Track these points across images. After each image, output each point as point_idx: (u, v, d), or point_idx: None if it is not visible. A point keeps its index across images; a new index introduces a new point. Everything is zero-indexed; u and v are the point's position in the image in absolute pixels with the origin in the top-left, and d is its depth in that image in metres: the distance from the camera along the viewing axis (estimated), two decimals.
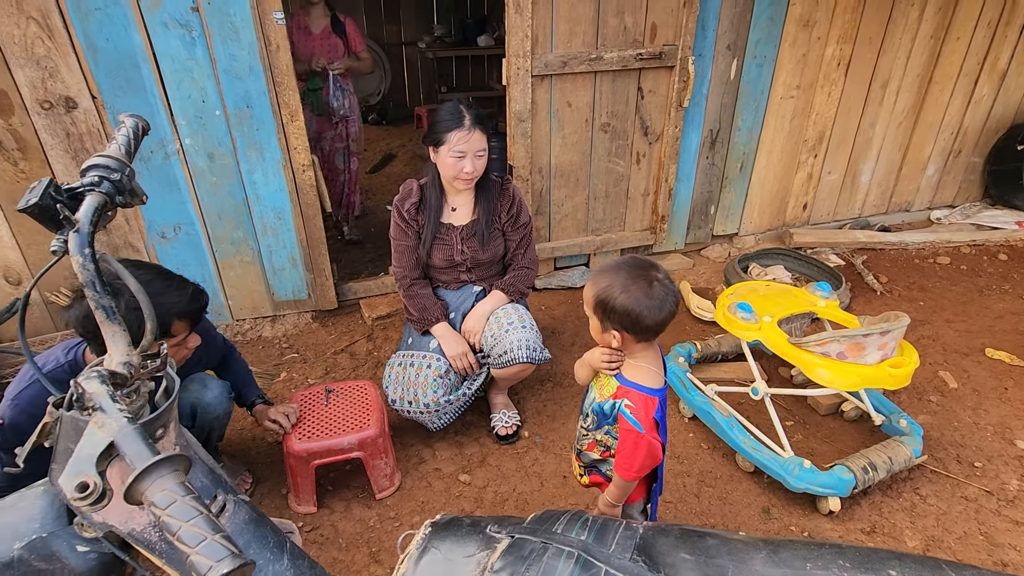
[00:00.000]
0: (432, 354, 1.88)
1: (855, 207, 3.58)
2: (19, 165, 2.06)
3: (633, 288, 1.12)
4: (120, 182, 0.76)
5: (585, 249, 2.98)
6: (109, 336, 0.70)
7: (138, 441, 0.52)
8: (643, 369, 1.22)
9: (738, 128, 3.02)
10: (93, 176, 0.74)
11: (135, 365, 0.70)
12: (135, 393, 0.72)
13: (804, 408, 2.20)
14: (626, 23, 2.52)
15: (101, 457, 0.52)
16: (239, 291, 2.54)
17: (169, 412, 0.76)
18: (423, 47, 5.97)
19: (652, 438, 1.19)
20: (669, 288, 1.14)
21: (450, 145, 1.76)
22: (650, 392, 1.21)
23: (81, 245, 0.68)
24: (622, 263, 1.17)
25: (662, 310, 1.13)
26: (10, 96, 1.96)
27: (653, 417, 1.19)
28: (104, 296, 0.69)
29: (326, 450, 1.67)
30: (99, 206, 0.72)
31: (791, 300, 2.01)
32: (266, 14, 2.09)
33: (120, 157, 0.77)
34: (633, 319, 1.14)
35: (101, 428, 0.53)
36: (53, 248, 0.70)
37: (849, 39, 2.97)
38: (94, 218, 0.71)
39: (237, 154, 2.28)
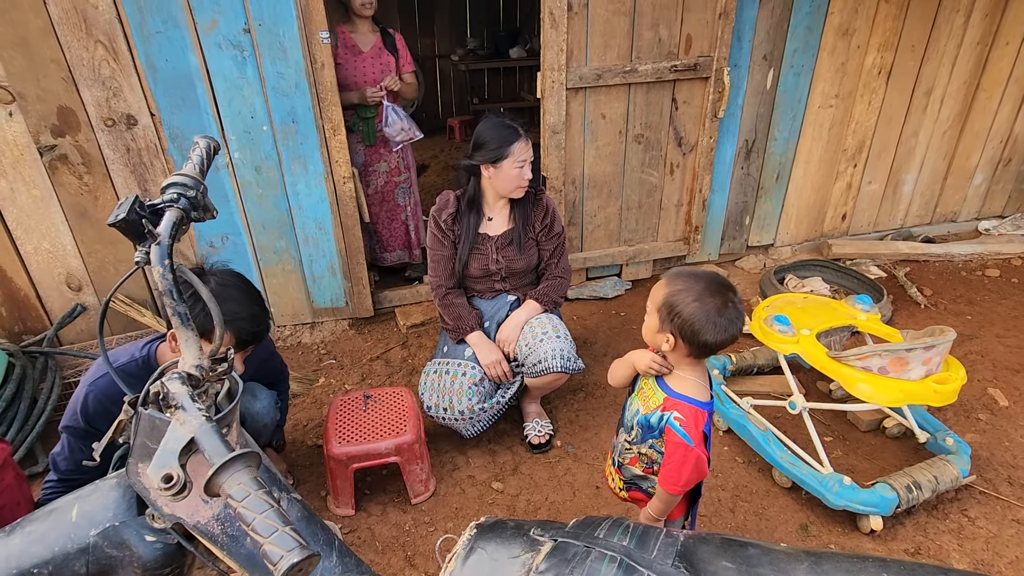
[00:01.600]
0: (467, 362, 1.92)
1: (897, 217, 3.48)
2: (83, 179, 2.19)
3: (707, 302, 1.12)
4: (195, 198, 0.82)
5: (617, 260, 2.99)
6: (183, 340, 0.76)
7: (216, 438, 0.56)
8: (690, 382, 1.22)
9: (774, 138, 2.98)
10: (172, 193, 0.80)
11: (205, 368, 0.75)
12: (204, 394, 0.77)
13: (844, 423, 2.15)
14: (661, 36, 2.54)
15: (183, 451, 0.56)
16: (281, 298, 2.63)
17: (233, 412, 0.81)
18: (456, 60, 6.09)
19: (701, 453, 1.18)
20: (740, 315, 1.14)
21: (514, 157, 1.84)
22: (699, 405, 1.20)
23: (162, 256, 0.74)
24: (702, 275, 1.16)
25: (725, 332, 1.13)
26: (77, 114, 2.10)
27: (703, 430, 1.19)
28: (180, 303, 0.75)
29: (364, 454, 1.72)
30: (177, 220, 0.78)
31: (830, 313, 1.98)
32: (313, 34, 2.19)
33: (195, 175, 0.83)
34: (695, 331, 1.13)
35: (183, 425, 0.58)
36: (137, 259, 0.77)
37: (891, 47, 2.92)
38: (173, 232, 0.77)
39: (282, 167, 2.38)
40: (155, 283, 0.75)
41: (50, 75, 2.03)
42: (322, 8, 2.17)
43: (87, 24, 1.99)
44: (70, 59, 2.02)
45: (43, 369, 2.19)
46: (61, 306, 2.35)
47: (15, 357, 2.12)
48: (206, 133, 2.20)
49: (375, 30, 2.76)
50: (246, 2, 2.09)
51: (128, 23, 2.02)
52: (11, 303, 2.30)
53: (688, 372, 1.22)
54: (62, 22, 1.97)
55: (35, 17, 1.94)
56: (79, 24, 1.98)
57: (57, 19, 1.96)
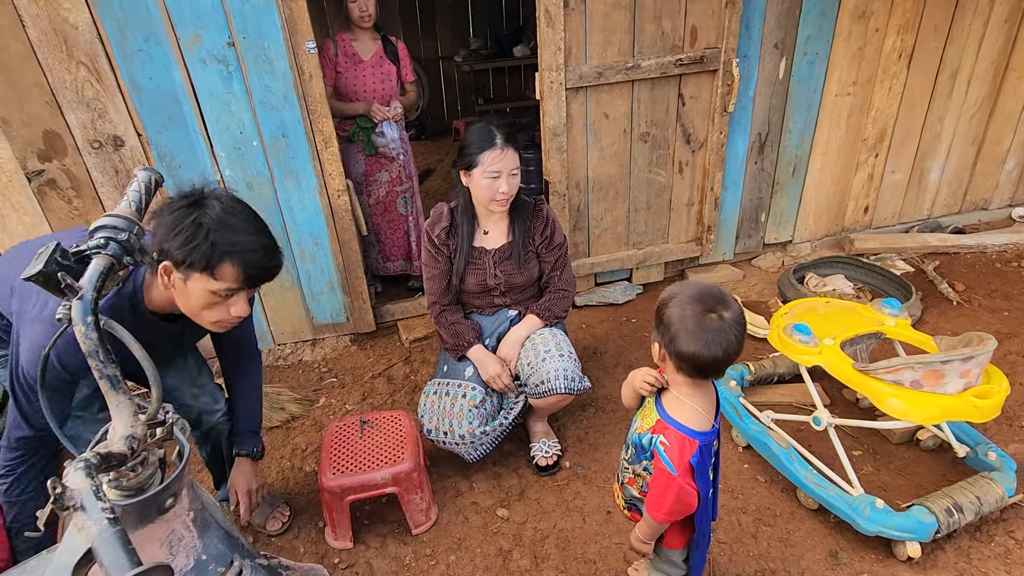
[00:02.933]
0: (467, 383, 1.82)
1: (923, 208, 3.30)
2: (73, 203, 2.15)
3: (688, 308, 1.04)
4: (128, 242, 0.73)
5: (626, 264, 2.86)
6: (114, 406, 0.67)
7: (118, 548, 0.48)
8: (687, 407, 1.12)
9: (789, 130, 2.83)
10: (99, 238, 0.71)
11: (139, 437, 0.66)
12: (142, 464, 0.69)
13: (873, 435, 2.01)
14: (664, 28, 2.41)
15: (79, 566, 0.48)
16: (280, 316, 2.57)
17: (179, 480, 0.73)
18: (459, 61, 6.00)
19: (685, 483, 1.09)
20: (726, 330, 1.02)
21: (484, 166, 1.71)
22: (690, 433, 1.11)
23: (84, 313, 0.66)
24: (702, 285, 1.09)
25: (707, 347, 1.02)
26: (63, 138, 2.05)
27: (688, 461, 1.09)
28: (108, 365, 0.67)
29: (360, 485, 1.63)
30: (105, 269, 0.70)
31: (855, 319, 1.84)
32: (299, 44, 2.11)
33: (129, 215, 0.75)
34: (672, 338, 1.05)
35: (80, 531, 0.49)
36: (58, 316, 0.68)
37: (911, 29, 2.74)
38: (98, 283, 0.69)
39: (274, 182, 2.31)
40: (80, 343, 0.66)
41: (33, 99, 1.98)
42: (307, 18, 2.09)
43: (67, 45, 1.93)
44: (52, 82, 1.97)
45: None
46: None
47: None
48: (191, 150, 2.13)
49: (376, 38, 2.69)
50: (229, 15, 2.01)
51: (109, 42, 1.97)
52: None
53: (686, 395, 1.13)
54: (42, 44, 1.92)
55: (14, 41, 1.89)
56: (59, 46, 1.93)
57: (37, 42, 1.91)
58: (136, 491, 0.70)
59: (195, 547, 0.77)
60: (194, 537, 0.77)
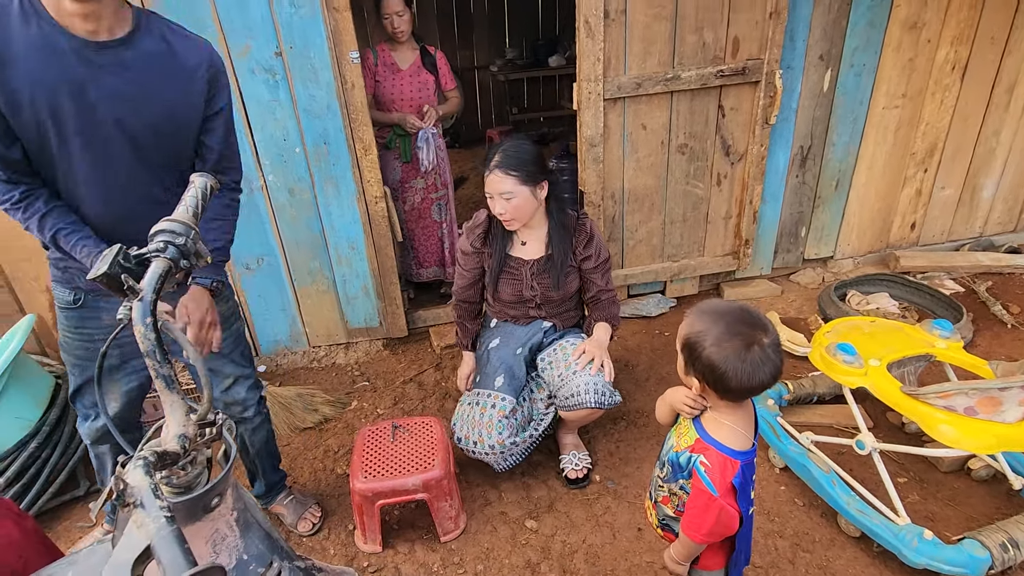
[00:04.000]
0: (497, 393, 1.82)
1: (975, 225, 3.16)
2: None
3: (727, 345, 1.00)
4: (185, 246, 0.76)
5: (660, 276, 2.83)
6: (167, 406, 0.69)
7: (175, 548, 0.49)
8: (726, 427, 1.10)
9: (833, 143, 2.76)
10: (159, 242, 0.74)
11: (190, 437, 0.68)
12: (191, 463, 0.70)
13: (921, 462, 1.92)
14: (705, 39, 2.38)
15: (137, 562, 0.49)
16: (315, 319, 2.62)
17: (225, 480, 0.74)
18: (495, 70, 6.05)
19: (727, 504, 1.06)
20: (770, 357, 1.00)
21: (485, 187, 1.76)
22: (731, 454, 1.08)
23: (143, 314, 0.68)
24: (728, 311, 1.04)
25: (752, 378, 1.00)
26: None
27: (731, 482, 1.06)
28: (164, 365, 0.69)
29: (391, 490, 1.65)
30: (163, 272, 0.72)
31: (902, 340, 1.77)
32: (343, 55, 2.16)
33: (186, 220, 0.77)
34: (717, 376, 1.02)
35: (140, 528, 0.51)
36: (120, 315, 0.71)
37: (966, 40, 2.64)
38: (157, 285, 0.71)
39: (315, 188, 2.36)
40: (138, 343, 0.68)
41: None
42: (352, 29, 2.14)
43: None
44: None
45: None
46: None
47: (63, 379, 2.17)
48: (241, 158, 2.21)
49: (415, 49, 2.74)
50: (278, 27, 2.08)
51: None
52: None
53: (726, 415, 1.10)
54: None
55: None
56: None
57: None
58: (184, 489, 0.72)
59: (237, 547, 0.79)
60: (236, 537, 0.79)
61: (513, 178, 1.71)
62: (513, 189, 1.71)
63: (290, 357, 2.67)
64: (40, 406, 2.01)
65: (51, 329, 2.36)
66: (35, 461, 1.92)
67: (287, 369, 2.64)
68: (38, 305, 2.30)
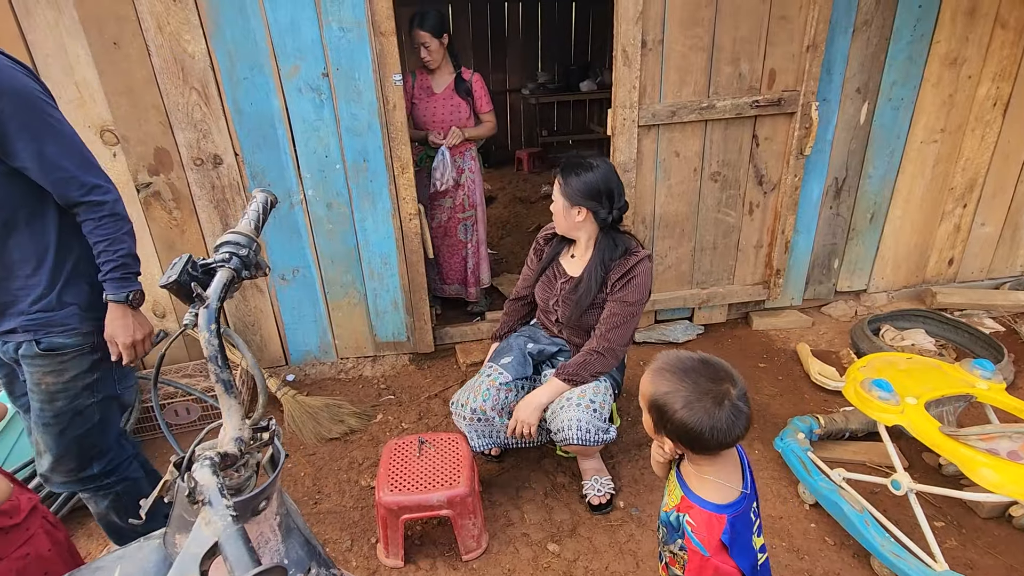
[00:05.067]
0: (498, 367, 1.88)
1: (1016, 264, 3.08)
2: (172, 214, 2.33)
3: (698, 406, 0.96)
4: (247, 257, 0.79)
5: (689, 303, 2.81)
6: (226, 409, 0.72)
7: (241, 546, 0.51)
8: (709, 482, 1.05)
9: (868, 176, 2.74)
10: (224, 252, 0.78)
11: (245, 440, 0.71)
12: (244, 467, 0.73)
13: (958, 506, 1.85)
14: (741, 70, 2.41)
15: (205, 557, 0.52)
16: (345, 331, 2.66)
17: (273, 485, 0.77)
18: (526, 93, 6.17)
19: (720, 562, 1.00)
20: (741, 410, 0.97)
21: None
22: (716, 509, 1.03)
23: (208, 321, 0.72)
24: (692, 368, 1.00)
25: (728, 434, 0.97)
26: (171, 155, 2.25)
27: (719, 539, 1.01)
28: (225, 370, 0.72)
29: (416, 505, 1.65)
30: (228, 281, 0.76)
31: (941, 378, 1.73)
32: (386, 77, 2.24)
33: (249, 233, 0.81)
34: (693, 438, 0.99)
35: (208, 525, 0.53)
36: (185, 321, 0.75)
37: (1008, 77, 2.62)
38: (222, 294, 0.75)
39: (352, 203, 2.43)
40: (202, 348, 0.72)
41: (150, 119, 2.19)
42: (396, 52, 2.22)
43: (184, 72, 2.14)
44: (167, 105, 2.17)
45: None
46: None
47: None
48: (280, 171, 2.28)
49: (451, 73, 2.82)
50: (326, 49, 2.17)
51: (219, 70, 2.16)
52: None
53: (707, 469, 1.05)
54: (163, 71, 2.12)
55: (140, 68, 2.11)
56: (177, 73, 2.13)
57: (159, 69, 2.12)
58: (235, 491, 0.74)
59: (279, 551, 0.81)
60: (278, 541, 0.81)
61: (559, 185, 1.79)
62: (555, 195, 1.81)
63: (319, 367, 2.71)
64: None
65: None
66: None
67: (315, 379, 2.69)
68: None
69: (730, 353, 2.73)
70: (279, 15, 2.11)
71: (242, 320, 2.54)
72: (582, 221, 1.79)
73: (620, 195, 1.79)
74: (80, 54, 2.05)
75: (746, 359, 2.68)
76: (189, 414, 2.34)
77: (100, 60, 2.07)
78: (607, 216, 1.77)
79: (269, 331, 2.60)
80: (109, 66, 2.08)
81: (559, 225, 1.85)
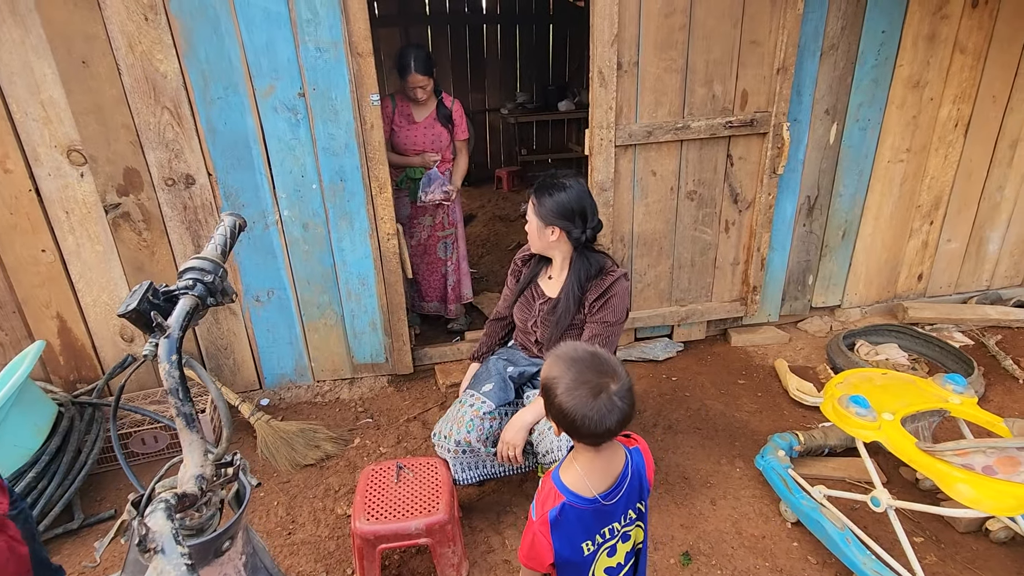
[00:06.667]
0: (480, 395, 1.85)
1: (982, 278, 3.17)
2: (142, 235, 2.27)
3: (577, 392, 1.01)
4: (213, 284, 0.77)
5: (668, 320, 2.82)
6: (187, 444, 0.69)
7: None
8: (573, 471, 1.10)
9: (839, 194, 2.80)
10: (188, 279, 0.75)
11: (207, 477, 0.67)
12: (206, 505, 0.69)
13: (936, 521, 1.87)
14: (715, 92, 2.46)
15: None
16: (322, 353, 2.61)
17: (237, 524, 0.73)
18: (505, 113, 6.22)
19: (539, 532, 1.08)
20: (616, 404, 1.00)
21: None
22: (560, 488, 1.09)
23: (169, 351, 0.69)
24: (580, 358, 1.05)
25: (599, 425, 1.00)
26: (141, 175, 2.20)
27: (547, 512, 1.08)
28: (186, 403, 0.69)
29: (393, 534, 1.60)
30: (191, 309, 0.73)
31: (916, 393, 1.75)
32: (364, 97, 2.23)
33: (215, 258, 0.79)
34: (568, 422, 1.03)
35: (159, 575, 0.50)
36: (145, 352, 0.71)
37: (968, 98, 2.72)
38: (184, 322, 0.71)
39: (329, 224, 2.40)
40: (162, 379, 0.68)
41: (120, 139, 2.14)
42: (374, 73, 2.22)
43: (156, 92, 2.10)
44: (138, 124, 2.13)
45: (90, 420, 2.22)
46: (114, 356, 2.41)
47: (65, 407, 2.16)
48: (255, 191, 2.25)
49: (433, 100, 2.83)
50: (302, 69, 2.16)
51: (192, 90, 2.12)
52: (69, 352, 2.37)
53: (580, 460, 1.10)
54: (134, 90, 2.08)
55: (110, 87, 2.07)
56: (149, 92, 2.09)
57: (129, 88, 2.08)
58: (196, 531, 0.71)
59: None
60: None
61: (532, 205, 1.79)
62: (529, 214, 1.82)
63: (294, 391, 2.65)
64: (40, 435, 1.98)
65: (58, 356, 2.36)
66: (30, 491, 1.88)
67: (290, 403, 2.62)
68: (47, 331, 2.31)
69: (711, 370, 2.74)
70: (255, 35, 2.10)
71: (214, 343, 2.47)
72: (556, 240, 1.79)
73: (593, 214, 1.80)
74: (47, 73, 2.01)
75: (727, 376, 2.69)
76: (157, 442, 2.25)
77: (68, 79, 2.02)
78: (580, 235, 1.77)
79: (243, 354, 2.53)
80: (77, 85, 2.03)
81: (534, 244, 1.85)
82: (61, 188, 2.15)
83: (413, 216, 2.93)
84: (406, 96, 2.79)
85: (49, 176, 2.12)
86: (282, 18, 2.09)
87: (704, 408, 2.47)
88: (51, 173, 2.12)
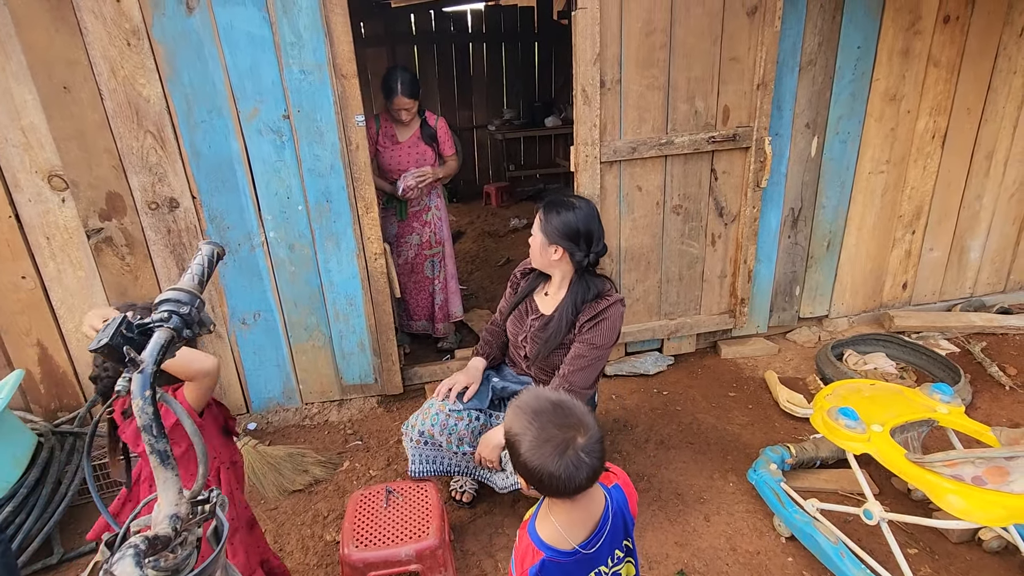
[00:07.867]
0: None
1: (965, 286, 3.21)
2: (125, 260, 2.25)
3: (541, 451, 0.96)
4: (189, 315, 0.75)
5: (658, 334, 2.83)
6: (161, 482, 0.67)
7: None
8: (549, 524, 1.05)
9: (822, 205, 2.84)
10: (163, 311, 0.73)
11: (183, 516, 0.65)
12: (181, 545, 0.67)
13: (929, 531, 1.86)
14: (697, 108, 2.49)
15: None
16: (310, 375, 2.58)
17: (215, 563, 0.71)
18: (493, 129, 6.27)
19: None
20: (583, 461, 0.95)
21: None
22: (538, 544, 1.04)
23: (143, 387, 0.67)
24: (543, 410, 0.99)
25: (569, 484, 0.95)
26: (124, 199, 2.18)
27: (527, 570, 1.02)
28: (160, 440, 0.67)
29: (383, 561, 1.57)
30: (166, 342, 0.72)
31: (904, 404, 1.76)
32: (348, 118, 2.24)
33: (191, 289, 0.77)
34: (536, 480, 0.99)
35: None
36: (118, 388, 0.69)
37: (943, 111, 2.78)
38: (159, 356, 0.70)
39: (315, 245, 2.38)
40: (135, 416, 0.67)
41: (102, 163, 2.12)
42: (358, 94, 2.23)
43: (139, 116, 2.09)
44: (121, 148, 2.12)
45: (71, 449, 2.16)
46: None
47: (45, 438, 2.10)
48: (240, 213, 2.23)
49: (417, 120, 2.85)
50: (287, 91, 2.16)
51: (176, 114, 2.12)
52: (50, 380, 2.32)
53: (555, 512, 1.04)
54: (116, 115, 2.07)
55: (92, 112, 2.05)
56: (131, 116, 2.08)
57: (112, 112, 2.07)
58: (172, 573, 0.68)
59: None
60: None
61: (539, 221, 1.80)
62: (535, 230, 1.82)
63: (282, 414, 2.61)
64: (19, 466, 1.93)
65: (38, 385, 2.31)
66: (8, 526, 1.83)
67: (278, 427, 2.58)
68: (27, 359, 2.26)
69: (702, 383, 2.74)
70: (238, 59, 2.10)
71: None
72: (558, 260, 1.79)
73: (599, 239, 1.77)
74: (27, 99, 1.99)
75: (718, 388, 2.69)
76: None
77: (49, 104, 2.01)
78: (583, 259, 1.75)
79: (229, 378, 2.49)
80: (58, 110, 2.02)
81: (535, 260, 1.84)
82: (42, 214, 2.12)
83: (400, 235, 2.94)
84: (390, 116, 2.80)
85: (30, 202, 2.10)
86: (266, 41, 2.10)
87: (696, 422, 2.46)
88: (31, 199, 2.10)
